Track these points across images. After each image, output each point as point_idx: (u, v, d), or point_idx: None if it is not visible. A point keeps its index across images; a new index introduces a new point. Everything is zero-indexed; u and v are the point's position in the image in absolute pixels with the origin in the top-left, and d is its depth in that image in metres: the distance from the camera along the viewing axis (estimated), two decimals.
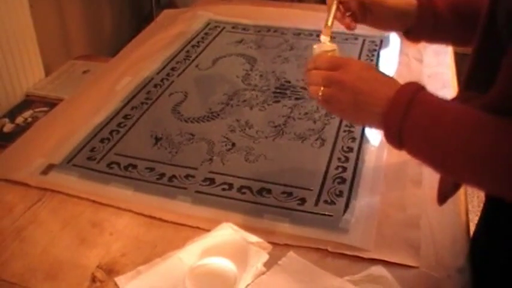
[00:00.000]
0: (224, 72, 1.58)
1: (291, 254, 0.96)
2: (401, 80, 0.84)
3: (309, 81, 0.91)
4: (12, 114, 1.89)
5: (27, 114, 1.89)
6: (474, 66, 0.85)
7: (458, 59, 1.59)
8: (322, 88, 0.88)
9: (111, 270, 0.95)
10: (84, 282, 0.93)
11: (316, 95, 0.89)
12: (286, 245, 0.98)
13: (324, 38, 0.96)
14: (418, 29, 1.04)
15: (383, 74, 0.87)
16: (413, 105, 0.78)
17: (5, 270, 0.95)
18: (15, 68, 2.01)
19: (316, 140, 1.26)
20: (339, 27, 1.03)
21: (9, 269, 0.96)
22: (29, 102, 1.98)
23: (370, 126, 0.91)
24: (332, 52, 0.94)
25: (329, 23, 0.97)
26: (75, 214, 1.07)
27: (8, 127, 1.81)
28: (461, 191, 1.12)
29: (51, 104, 1.75)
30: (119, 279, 0.92)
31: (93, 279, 0.93)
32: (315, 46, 0.96)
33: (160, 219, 1.05)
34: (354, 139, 1.26)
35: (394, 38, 1.74)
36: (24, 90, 2.05)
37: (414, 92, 0.79)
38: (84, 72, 2.19)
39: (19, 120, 1.86)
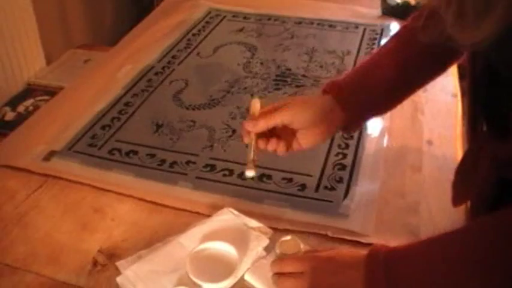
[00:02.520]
0: (225, 60, 1.58)
1: (294, 237, 0.96)
2: None
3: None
4: (13, 102, 1.90)
5: (28, 102, 1.90)
6: (475, 110, 0.84)
7: None
8: None
9: (112, 255, 0.95)
10: (85, 266, 0.93)
11: None
12: (287, 230, 0.99)
13: (250, 173, 0.91)
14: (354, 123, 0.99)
15: (344, 253, 0.83)
16: (391, 272, 0.74)
17: (7, 254, 0.96)
18: (16, 57, 2.02)
19: None
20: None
21: (11, 253, 0.96)
22: (30, 91, 1.99)
23: None
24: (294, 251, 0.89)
25: (251, 158, 0.91)
26: (76, 200, 1.08)
27: (10, 115, 1.82)
28: None
29: (52, 92, 1.75)
30: (120, 264, 0.93)
31: (95, 263, 0.94)
32: (277, 250, 0.90)
33: (161, 205, 1.06)
34: None
35: (395, 27, 1.74)
36: (25, 79, 2.06)
37: (383, 261, 0.75)
38: (85, 61, 2.20)
39: (20, 108, 1.86)
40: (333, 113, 0.94)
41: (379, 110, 1.02)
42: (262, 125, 0.92)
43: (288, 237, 0.92)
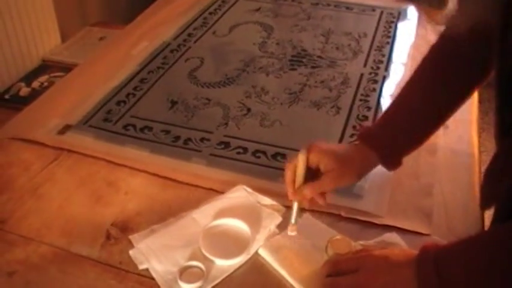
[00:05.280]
0: (241, 39, 1.58)
1: (308, 215, 0.97)
2: (418, 53, 0.83)
3: None
4: (28, 78, 1.89)
5: (43, 78, 1.89)
6: (503, 114, 0.83)
7: None
8: None
9: (125, 228, 0.96)
10: (99, 238, 0.94)
11: None
12: (300, 208, 0.98)
13: (292, 233, 0.91)
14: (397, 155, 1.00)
15: (397, 252, 0.84)
16: (441, 270, 0.75)
17: (22, 225, 0.97)
18: (32, 33, 2.01)
19: (332, 107, 1.26)
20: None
21: (26, 224, 0.97)
22: (45, 67, 1.98)
23: None
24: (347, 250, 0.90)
25: (292, 221, 0.91)
26: (90, 173, 1.08)
27: (24, 91, 1.81)
28: (475, 162, 1.12)
29: (67, 69, 1.74)
30: (133, 237, 0.93)
31: (108, 236, 0.94)
32: (329, 251, 0.90)
33: (175, 180, 1.06)
34: (369, 108, 1.26)
35: (412, 11, 1.72)
36: (40, 55, 2.06)
37: (433, 259, 0.77)
38: (101, 38, 2.19)
39: (35, 84, 1.85)
40: (367, 157, 0.96)
41: (414, 144, 1.01)
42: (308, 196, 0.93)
43: (339, 237, 0.92)
